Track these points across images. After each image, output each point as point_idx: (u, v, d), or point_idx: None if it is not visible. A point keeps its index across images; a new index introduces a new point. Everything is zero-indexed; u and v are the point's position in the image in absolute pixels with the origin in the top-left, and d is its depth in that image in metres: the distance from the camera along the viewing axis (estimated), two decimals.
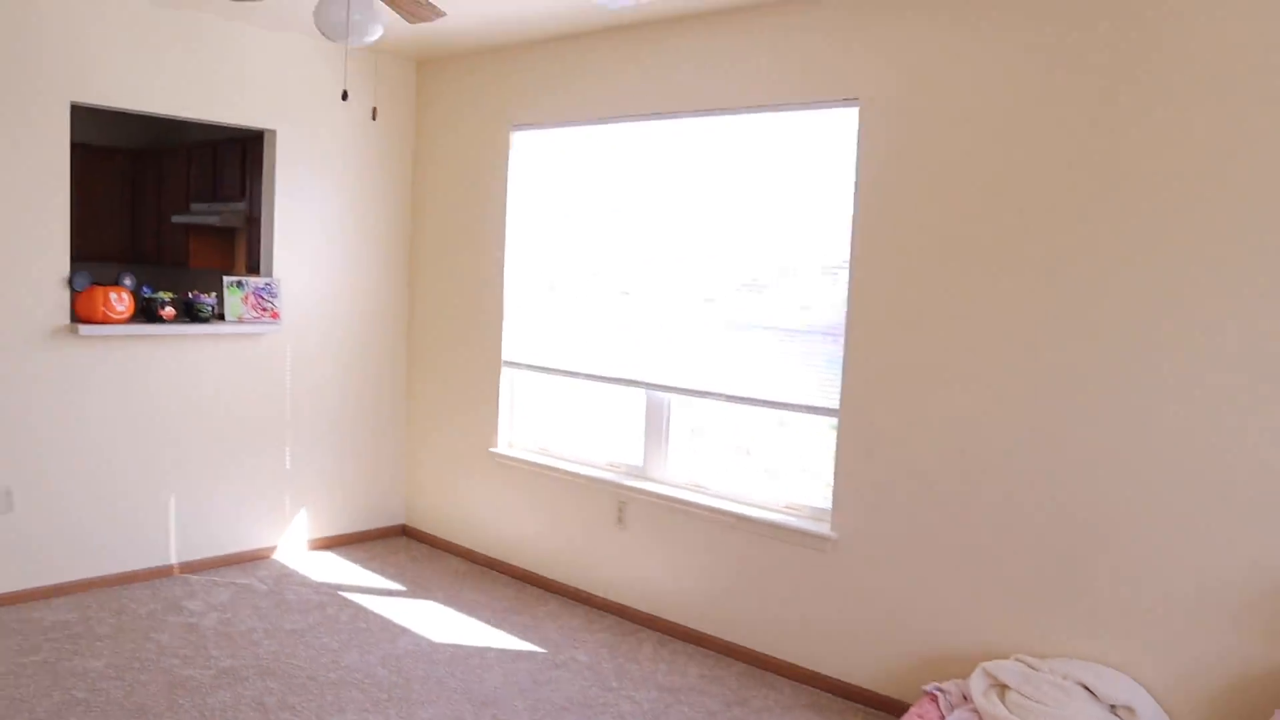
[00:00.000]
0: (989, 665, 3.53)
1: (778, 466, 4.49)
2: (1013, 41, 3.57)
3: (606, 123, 4.92)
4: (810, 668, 4.23)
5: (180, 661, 4.15)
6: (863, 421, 4.03)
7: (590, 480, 5.00)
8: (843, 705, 4.05)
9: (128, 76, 4.81)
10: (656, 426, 4.86)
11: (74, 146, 7.22)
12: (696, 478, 4.73)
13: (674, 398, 4.80)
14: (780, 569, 4.31)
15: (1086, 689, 3.35)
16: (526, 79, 5.27)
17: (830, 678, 4.16)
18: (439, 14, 3.66)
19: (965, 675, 3.73)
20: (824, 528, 4.16)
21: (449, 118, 5.72)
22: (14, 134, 4.51)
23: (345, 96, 3.19)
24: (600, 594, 5.02)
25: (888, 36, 3.90)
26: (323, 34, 3.41)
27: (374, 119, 3.66)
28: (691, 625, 4.64)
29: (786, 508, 4.39)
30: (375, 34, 3.43)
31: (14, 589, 4.70)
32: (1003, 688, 3.45)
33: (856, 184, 4.01)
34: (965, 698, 3.54)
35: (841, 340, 4.11)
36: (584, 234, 5.10)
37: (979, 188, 3.66)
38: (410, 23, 3.79)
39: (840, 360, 4.12)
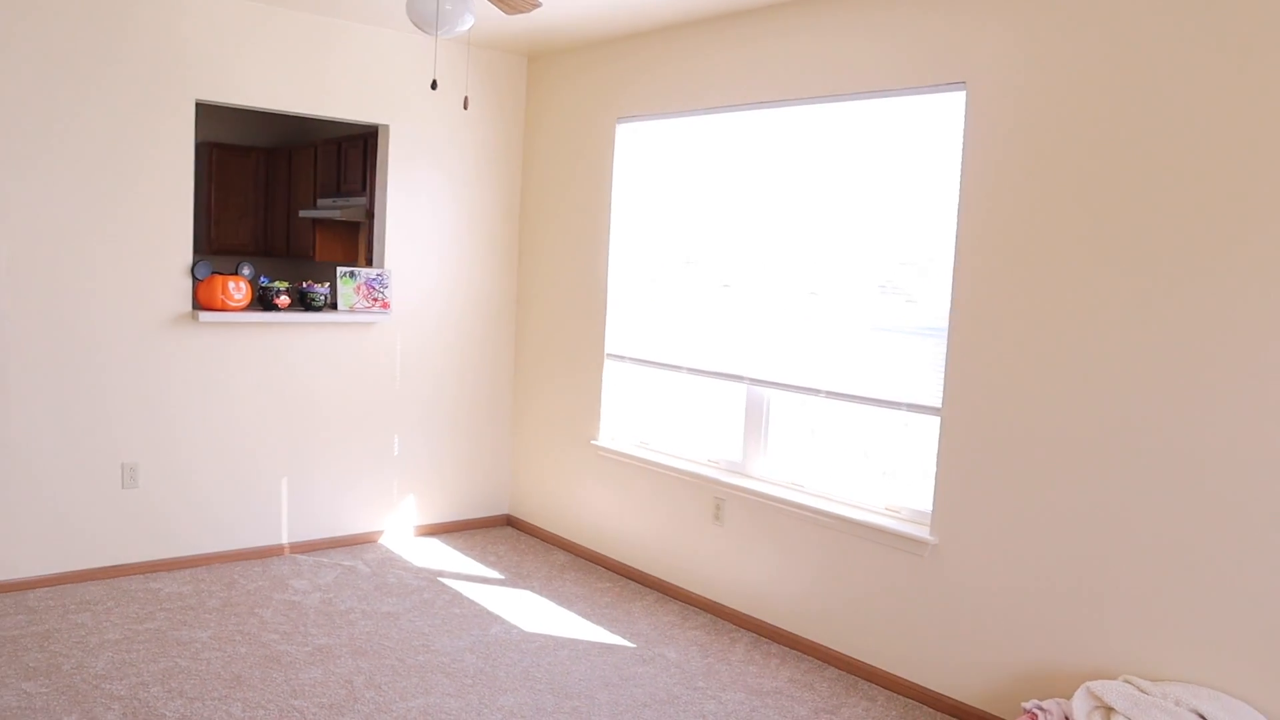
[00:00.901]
0: (1094, 685, 3.32)
1: (879, 466, 4.35)
2: (1140, 12, 3.34)
3: (708, 113, 4.85)
4: (905, 677, 4.07)
5: (279, 637, 4.28)
6: (966, 421, 3.86)
7: (688, 475, 4.94)
8: (937, 719, 3.88)
9: (249, 75, 5.00)
10: (756, 422, 4.77)
11: (212, 146, 7.59)
12: (795, 476, 4.62)
13: (774, 393, 4.70)
14: (878, 573, 4.16)
15: (1202, 718, 3.11)
16: (631, 71, 5.25)
17: (926, 689, 4.00)
18: (535, 5, 3.67)
19: (1068, 694, 3.53)
20: (923, 531, 4.00)
21: (556, 111, 5.75)
22: (143, 132, 4.74)
23: (435, 86, 3.23)
24: (696, 591, 4.96)
25: (997, 12, 3.71)
26: (415, 25, 3.45)
27: (465, 108, 3.69)
28: (786, 627, 4.53)
29: (886, 509, 4.24)
30: (466, 24, 3.45)
31: (137, 560, 4.95)
32: (1108, 710, 3.24)
33: (962, 172, 3.83)
34: (1067, 719, 3.34)
35: (945, 335, 3.95)
36: (686, 226, 5.05)
37: (1096, 176, 3.45)
38: (507, 14, 3.81)
39: (943, 356, 3.95)
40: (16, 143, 4.46)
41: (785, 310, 4.56)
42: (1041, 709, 3.37)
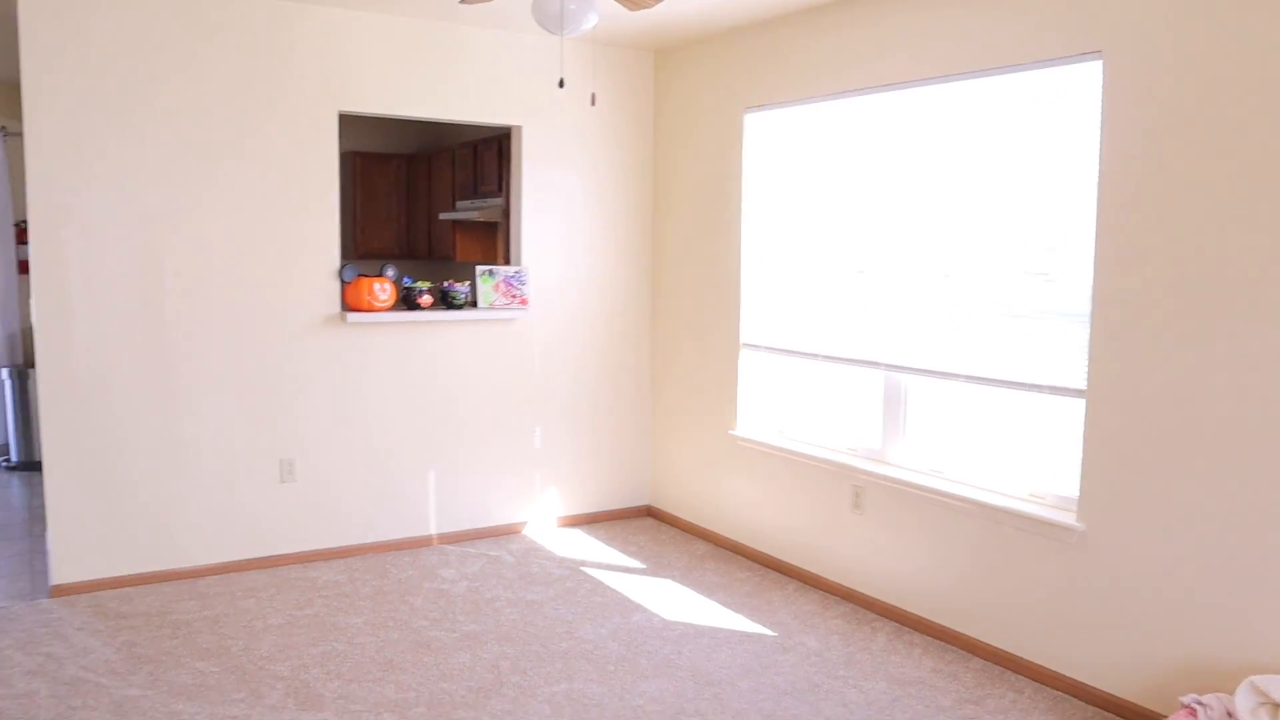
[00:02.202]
0: (1259, 680, 3.16)
1: (1021, 451, 4.22)
2: None
3: (836, 99, 4.80)
4: (1054, 669, 3.95)
5: (429, 623, 4.45)
6: (1113, 403, 3.71)
7: (827, 463, 4.91)
8: (1088, 712, 3.75)
9: (386, 85, 5.21)
10: (894, 408, 4.70)
11: (356, 155, 7.91)
12: (935, 462, 4.54)
13: (912, 378, 4.62)
14: (1023, 561, 4.05)
15: None
16: (757, 60, 5.23)
17: (1076, 681, 3.87)
18: (657, 0, 3.70)
19: (1230, 689, 3.36)
20: (1069, 518, 3.88)
21: (684, 104, 5.78)
22: (290, 143, 5.00)
23: (562, 84, 3.30)
24: (836, 579, 4.92)
25: None
26: (540, 25, 3.53)
27: (593, 104, 3.75)
28: (929, 616, 4.45)
29: (1030, 496, 4.12)
30: (590, 23, 3.52)
31: (296, 550, 5.22)
32: (1275, 707, 3.08)
33: (1101, 147, 3.69)
34: (1229, 714, 3.19)
35: (1087, 316, 3.81)
36: (818, 212, 5.01)
37: (1247, 148, 3.27)
38: (631, 10, 3.86)
39: (1086, 337, 3.81)
40: (180, 161, 4.77)
41: (921, 294, 4.48)
42: (1201, 704, 3.23)
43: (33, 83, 4.48)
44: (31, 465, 7.50)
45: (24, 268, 7.65)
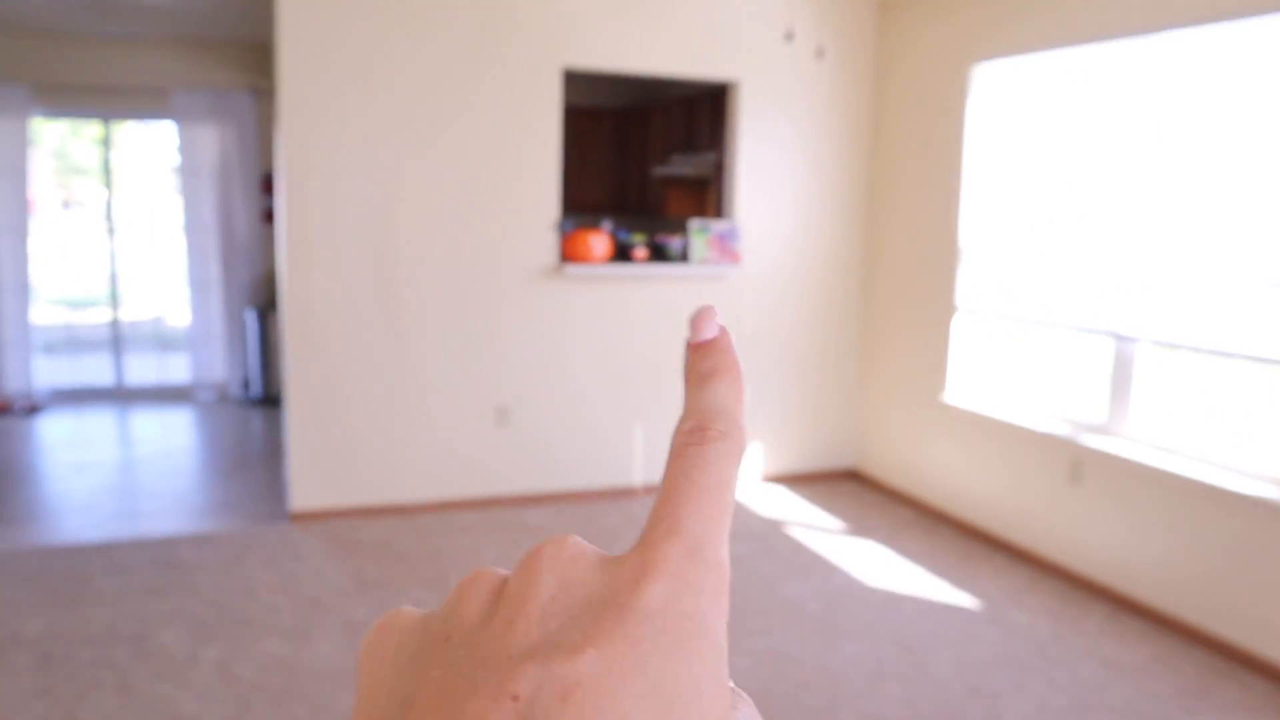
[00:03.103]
0: None
1: (1266, 432, 3.94)
2: None
3: (1077, 45, 4.53)
4: None
5: None
6: None
7: (1043, 434, 4.72)
8: None
9: (608, 41, 5.29)
10: (1122, 379, 4.46)
11: (569, 109, 8.05)
12: (1166, 439, 4.28)
13: (1141, 349, 4.37)
14: (1261, 549, 3.78)
15: None
16: (987, 8, 5.00)
17: None
18: None
19: None
20: None
21: (907, 56, 5.59)
22: (515, 99, 5.17)
23: (790, 38, 3.27)
24: (1047, 555, 4.74)
25: None
26: None
27: (819, 58, 3.69)
28: (1149, 599, 4.24)
29: (1274, 480, 3.84)
30: None
31: (507, 493, 5.47)
32: None
33: None
34: None
35: None
36: (1048, 170, 4.77)
37: None
38: None
39: None
40: (413, 116, 5.02)
41: (1157, 259, 4.21)
42: None
43: (287, 46, 4.80)
44: (270, 400, 8.13)
45: (267, 217, 8.24)
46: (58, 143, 10.23)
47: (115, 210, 8.32)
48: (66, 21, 7.15)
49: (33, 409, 7.84)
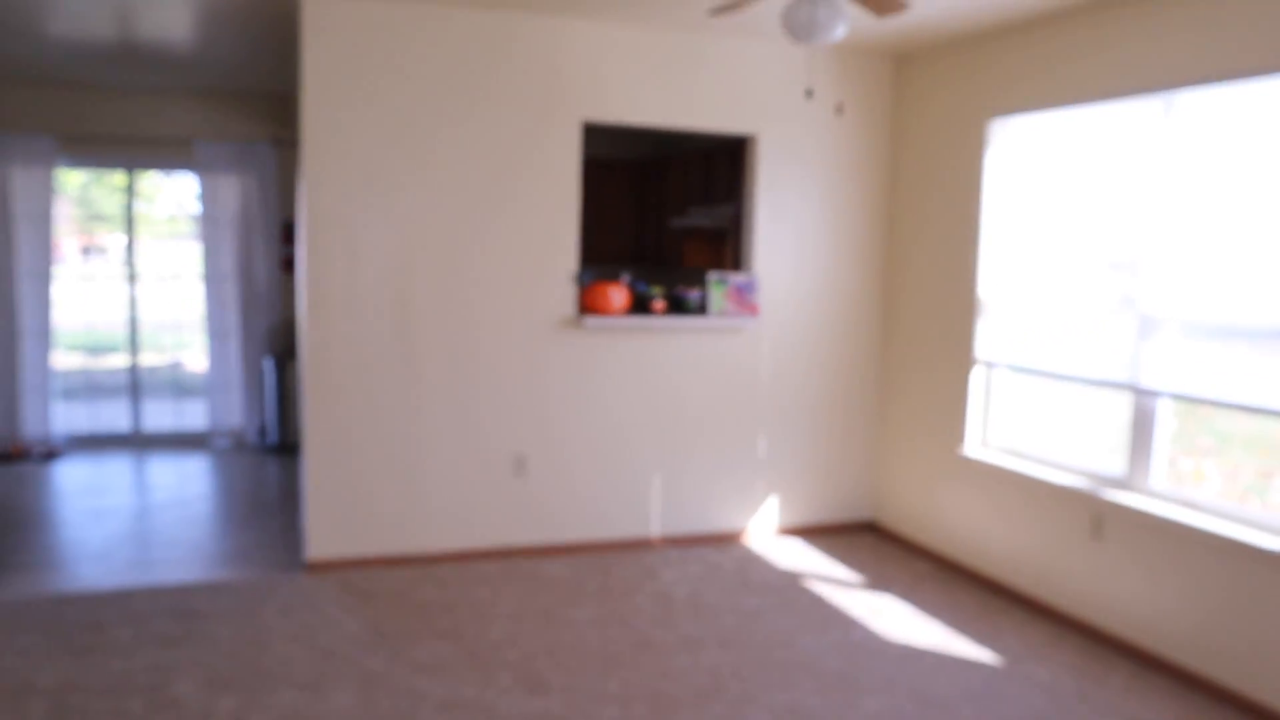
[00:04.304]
0: None
1: None
2: None
3: (1093, 103, 4.56)
4: None
5: (650, 623, 4.55)
6: None
7: (1063, 488, 4.69)
8: None
9: (628, 95, 5.36)
10: (1142, 433, 4.43)
11: (586, 162, 8.12)
12: (1189, 493, 4.24)
13: (1161, 402, 4.35)
14: None
15: None
16: (1005, 66, 5.05)
17: None
18: (904, 7, 3.65)
19: None
20: None
21: (924, 112, 5.64)
22: (535, 151, 5.24)
23: (810, 95, 3.30)
24: (1069, 610, 4.68)
25: None
26: (789, 34, 3.54)
27: (839, 114, 3.73)
28: (1174, 657, 4.17)
29: None
30: (840, 32, 3.51)
31: (524, 543, 5.45)
32: None
33: None
34: None
35: None
36: (1064, 224, 4.79)
37: None
38: (877, 18, 3.81)
39: None
40: (431, 169, 5.08)
41: (1176, 313, 4.21)
42: None
43: (311, 99, 4.88)
44: (286, 447, 8.14)
45: (286, 265, 8.31)
46: (80, 190, 10.36)
47: (136, 257, 8.40)
48: (92, 74, 7.28)
49: (50, 454, 7.86)
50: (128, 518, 6.18)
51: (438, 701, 3.73)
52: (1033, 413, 5.12)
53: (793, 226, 5.78)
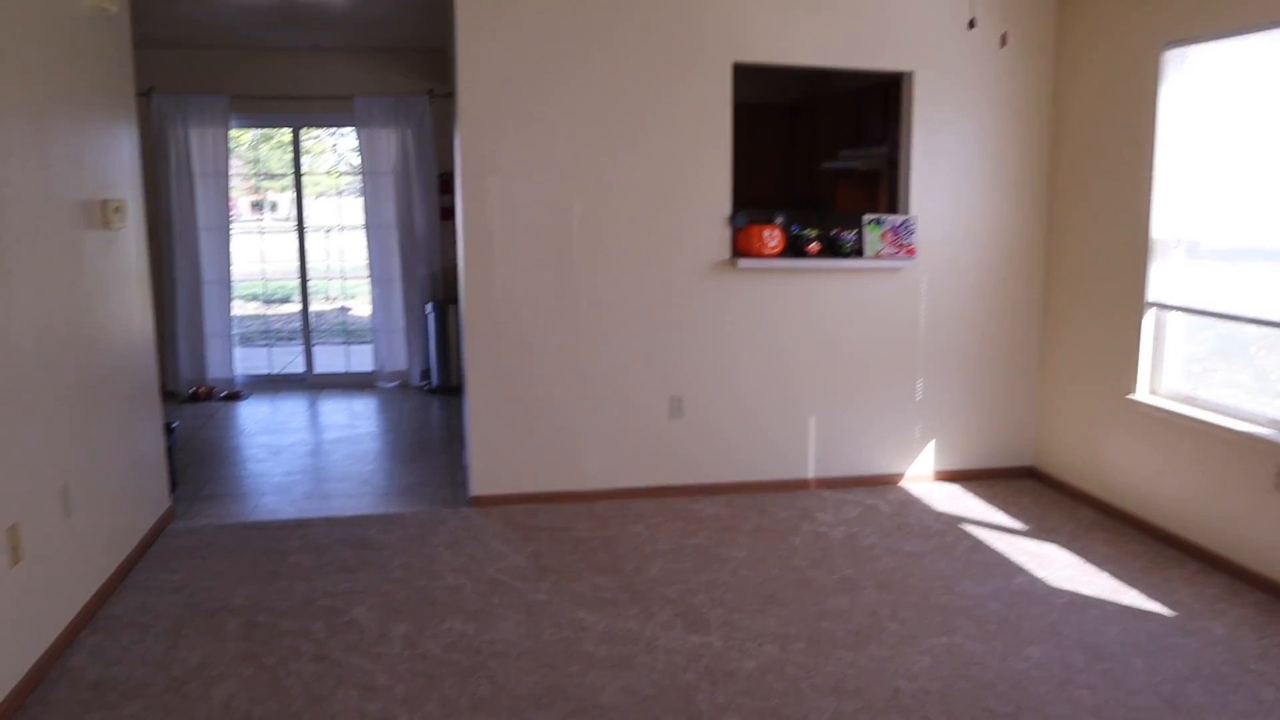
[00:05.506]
0: None
1: None
2: None
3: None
4: None
5: (807, 564, 4.56)
6: None
7: (1245, 436, 4.45)
8: None
9: (779, 35, 5.28)
10: None
11: (737, 106, 8.03)
12: None
13: None
14: None
15: None
16: None
17: None
18: None
19: None
20: None
21: (1093, 42, 5.35)
22: (687, 95, 5.24)
23: (972, 25, 3.19)
24: (1247, 564, 4.47)
25: None
26: None
27: (1003, 45, 3.58)
28: None
29: None
30: None
31: (681, 483, 5.54)
32: None
33: None
34: None
35: None
36: (1245, 160, 4.49)
37: None
38: None
39: None
40: (587, 114, 5.14)
41: None
42: None
43: (466, 51, 4.98)
44: (448, 389, 8.44)
45: (444, 214, 8.55)
46: (249, 148, 10.89)
47: (303, 211, 8.79)
48: (259, 36, 7.61)
49: (233, 395, 8.37)
50: (304, 453, 6.54)
51: (599, 634, 3.85)
52: (1212, 357, 4.86)
53: (950, 166, 5.60)
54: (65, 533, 3.79)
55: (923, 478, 5.85)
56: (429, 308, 8.46)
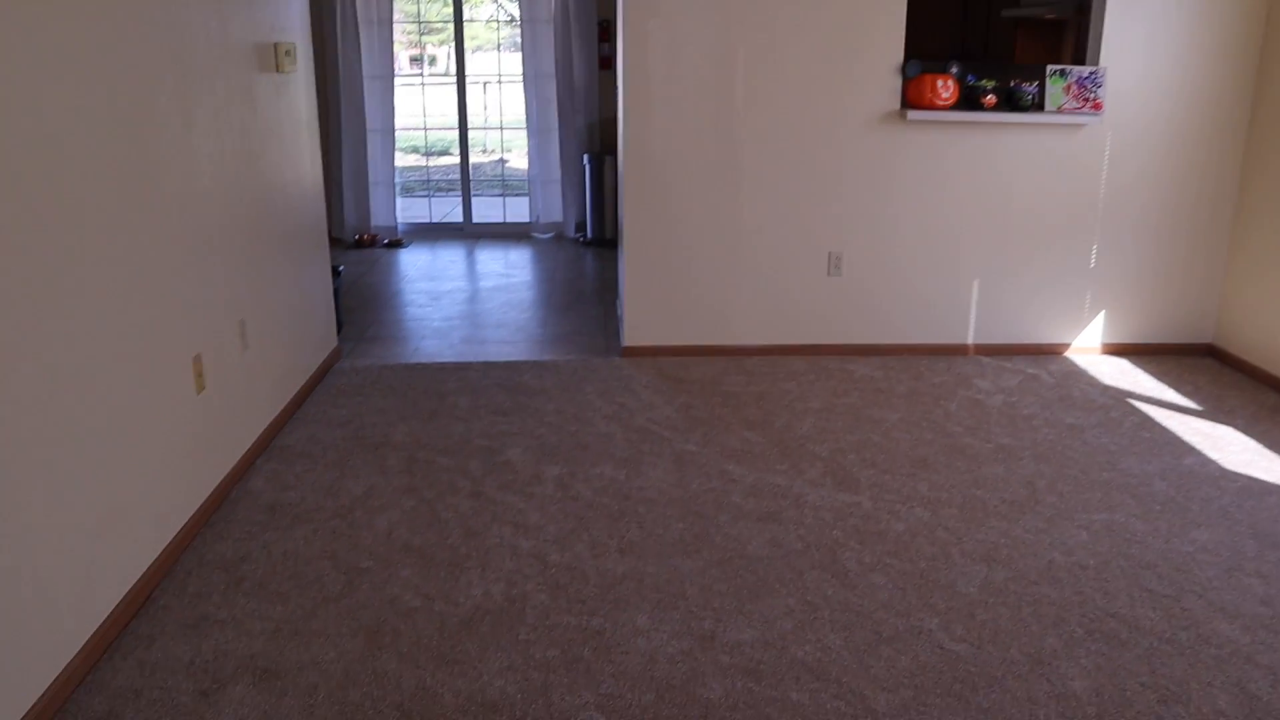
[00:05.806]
0: None
1: None
2: None
3: None
4: None
5: (962, 430, 4.44)
6: None
7: None
8: None
9: None
10: None
11: None
12: None
13: None
14: None
15: None
16: None
17: None
18: None
19: None
20: None
21: None
22: None
23: None
24: None
25: None
26: None
27: None
28: None
29: None
30: None
31: (835, 342, 5.45)
32: None
33: None
34: None
35: None
36: None
37: None
38: None
39: None
40: None
41: None
42: None
43: None
44: (602, 241, 8.46)
45: (603, 64, 8.41)
46: (410, 2, 10.89)
47: (464, 63, 8.79)
48: None
49: (395, 243, 8.61)
50: (462, 300, 6.70)
51: (748, 486, 3.86)
52: None
53: (1148, 13, 5.12)
54: (243, 365, 4.00)
55: (1089, 349, 5.58)
56: (586, 159, 8.43)
